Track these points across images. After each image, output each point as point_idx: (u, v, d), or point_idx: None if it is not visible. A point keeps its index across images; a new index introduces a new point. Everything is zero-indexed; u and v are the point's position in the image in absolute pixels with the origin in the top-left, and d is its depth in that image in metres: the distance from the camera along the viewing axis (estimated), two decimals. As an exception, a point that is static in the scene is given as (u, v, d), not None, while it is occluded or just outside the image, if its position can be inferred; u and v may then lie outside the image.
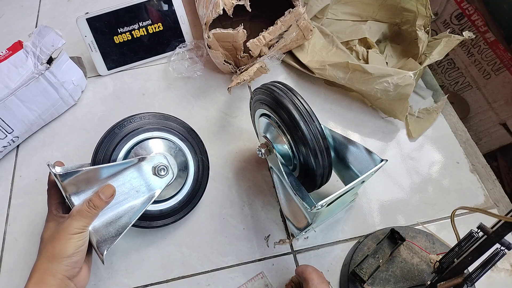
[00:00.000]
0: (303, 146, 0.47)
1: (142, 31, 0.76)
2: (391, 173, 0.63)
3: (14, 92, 0.63)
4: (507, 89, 0.82)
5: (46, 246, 0.45)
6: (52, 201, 0.49)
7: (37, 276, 0.43)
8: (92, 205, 0.46)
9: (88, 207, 0.46)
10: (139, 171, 0.51)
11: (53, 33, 0.65)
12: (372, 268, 0.50)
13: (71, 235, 0.44)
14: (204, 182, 0.59)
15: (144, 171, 0.51)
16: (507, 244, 0.35)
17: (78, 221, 0.45)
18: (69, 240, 0.44)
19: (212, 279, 0.55)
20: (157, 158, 0.52)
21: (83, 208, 0.46)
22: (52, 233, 0.46)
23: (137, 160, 0.51)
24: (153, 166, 0.52)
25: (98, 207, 0.47)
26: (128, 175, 0.50)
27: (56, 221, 0.47)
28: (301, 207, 0.57)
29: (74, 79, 0.71)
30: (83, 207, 0.46)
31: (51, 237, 0.45)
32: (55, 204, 0.49)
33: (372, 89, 0.64)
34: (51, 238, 0.45)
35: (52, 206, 0.49)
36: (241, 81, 0.66)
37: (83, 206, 0.46)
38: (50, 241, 0.45)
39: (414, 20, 0.74)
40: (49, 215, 0.49)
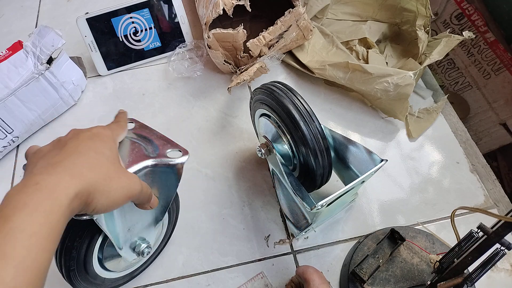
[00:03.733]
0: (303, 146, 0.47)
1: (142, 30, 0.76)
2: (391, 173, 0.63)
3: (14, 92, 0.63)
4: (507, 89, 0.82)
5: (97, 165, 0.33)
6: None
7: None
8: (151, 193, 0.39)
9: (150, 193, 0.39)
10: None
11: (53, 33, 0.65)
12: (372, 268, 0.50)
13: (131, 192, 0.35)
14: (164, 244, 0.56)
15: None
16: (507, 244, 0.35)
17: (140, 191, 0.37)
18: (127, 195, 0.35)
19: (212, 279, 0.55)
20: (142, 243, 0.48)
21: (149, 189, 0.39)
22: (115, 165, 0.35)
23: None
24: (138, 243, 0.47)
25: (149, 205, 0.40)
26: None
27: (117, 153, 0.37)
28: (301, 207, 0.57)
29: (74, 79, 0.71)
30: (149, 189, 0.39)
31: (111, 168, 0.34)
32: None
33: (372, 89, 0.64)
34: (111, 169, 0.34)
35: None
36: (241, 81, 0.66)
37: (149, 189, 0.39)
38: (109, 171, 0.34)
39: (414, 20, 0.74)
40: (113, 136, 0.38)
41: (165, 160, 0.40)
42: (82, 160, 0.32)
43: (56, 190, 0.28)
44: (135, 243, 0.47)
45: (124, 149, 0.40)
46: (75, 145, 0.34)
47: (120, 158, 0.37)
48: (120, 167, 0.36)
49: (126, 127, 0.41)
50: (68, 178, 0.30)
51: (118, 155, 0.36)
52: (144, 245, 0.47)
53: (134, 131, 0.44)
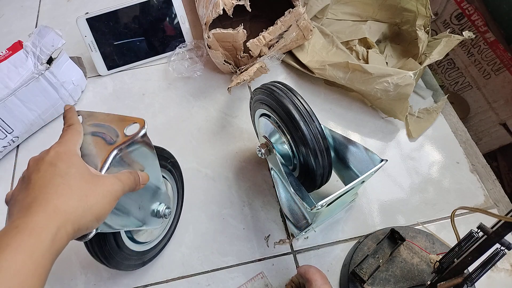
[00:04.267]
0: (303, 146, 0.47)
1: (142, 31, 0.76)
2: (391, 173, 0.63)
3: (14, 92, 0.63)
4: (507, 89, 0.82)
5: (68, 190, 0.33)
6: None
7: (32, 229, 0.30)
8: (136, 176, 0.39)
9: (134, 177, 0.39)
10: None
11: (53, 33, 0.65)
12: (372, 268, 0.50)
13: (114, 194, 0.36)
14: (178, 214, 0.58)
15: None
16: (507, 244, 0.35)
17: (122, 186, 0.37)
18: (112, 200, 0.35)
19: (212, 279, 0.55)
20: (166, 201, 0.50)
21: (131, 176, 0.39)
22: (85, 179, 0.34)
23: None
24: (156, 209, 0.48)
25: (140, 184, 0.41)
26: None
27: (84, 165, 0.36)
28: (301, 207, 0.57)
29: (74, 79, 0.71)
30: (131, 175, 0.39)
31: (83, 185, 0.34)
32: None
33: (372, 89, 0.64)
34: (83, 186, 0.34)
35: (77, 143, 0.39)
36: (241, 81, 0.66)
37: (131, 174, 0.39)
38: (82, 190, 0.33)
39: (414, 20, 0.74)
40: (73, 147, 0.37)
41: (126, 139, 0.40)
42: (51, 192, 0.32)
43: (35, 229, 0.29)
44: (154, 211, 0.48)
45: (87, 151, 0.40)
46: (39, 178, 0.33)
47: (87, 165, 0.36)
48: (91, 177, 0.35)
49: (80, 128, 0.40)
50: (44, 215, 0.30)
51: (84, 166, 0.36)
52: (163, 208, 0.49)
53: (86, 123, 0.43)
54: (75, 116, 0.42)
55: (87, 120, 0.43)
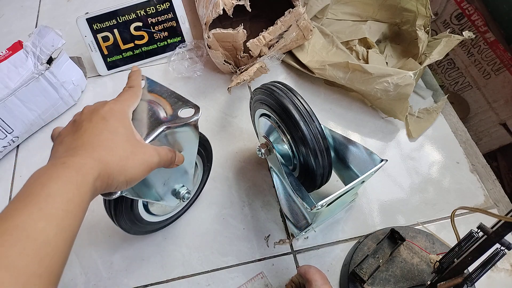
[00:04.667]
0: (303, 146, 0.47)
1: (142, 31, 0.76)
2: (391, 173, 0.63)
3: (14, 92, 0.63)
4: (507, 89, 0.82)
5: (113, 146, 0.34)
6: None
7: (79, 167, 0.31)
8: (173, 155, 0.41)
9: (172, 156, 0.41)
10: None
11: (53, 33, 0.65)
12: (372, 268, 0.50)
13: (149, 165, 0.37)
14: (204, 183, 0.60)
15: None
16: (507, 244, 0.35)
17: (159, 161, 0.38)
18: (145, 170, 0.36)
19: (212, 279, 0.55)
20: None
21: (169, 153, 0.40)
22: (130, 143, 0.36)
23: None
24: (178, 190, 0.50)
25: (175, 164, 0.42)
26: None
27: (132, 128, 0.38)
28: (301, 207, 0.57)
29: (74, 79, 0.71)
30: (169, 153, 0.40)
31: (126, 146, 0.35)
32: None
33: (372, 89, 0.64)
34: (127, 148, 0.35)
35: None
36: (241, 81, 0.66)
37: (170, 152, 0.41)
38: (124, 151, 0.35)
39: (414, 20, 0.74)
40: (127, 109, 0.39)
41: (178, 121, 0.41)
42: (98, 144, 0.34)
43: (82, 169, 0.31)
44: (175, 190, 0.50)
45: (139, 116, 0.41)
46: (90, 128, 0.35)
47: (135, 130, 0.38)
48: (135, 142, 0.37)
49: (139, 92, 0.42)
50: (89, 161, 0.32)
51: (132, 129, 0.37)
52: (184, 191, 0.50)
53: (147, 89, 0.45)
54: (138, 79, 0.43)
55: (149, 87, 0.45)
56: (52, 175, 0.30)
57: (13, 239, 0.25)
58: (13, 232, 0.25)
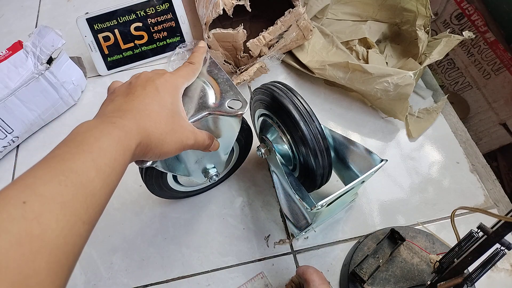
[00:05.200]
0: (303, 146, 0.47)
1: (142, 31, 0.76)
2: (391, 173, 0.63)
3: (14, 92, 0.63)
4: (507, 89, 0.82)
5: (158, 120, 0.36)
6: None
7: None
8: (210, 142, 0.43)
9: (208, 143, 0.43)
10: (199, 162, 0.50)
11: (53, 33, 0.65)
12: (372, 268, 0.50)
13: (183, 145, 0.39)
14: (236, 168, 0.62)
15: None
16: (507, 244, 0.35)
17: (193, 144, 0.40)
18: (179, 148, 0.38)
19: (212, 279, 0.55)
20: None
21: (206, 140, 0.42)
22: (173, 119, 0.38)
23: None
24: (207, 170, 0.52)
25: (209, 149, 0.44)
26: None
27: (180, 105, 0.40)
28: (301, 207, 0.57)
29: (74, 79, 0.71)
30: (207, 139, 0.42)
31: (169, 122, 0.37)
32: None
33: (372, 89, 0.64)
34: (169, 124, 0.37)
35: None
36: (241, 81, 0.66)
37: (207, 138, 0.42)
38: (166, 126, 0.36)
39: (414, 20, 0.74)
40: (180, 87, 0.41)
41: (224, 110, 0.43)
42: (146, 113, 0.35)
43: (128, 133, 0.32)
44: (206, 169, 0.52)
45: (190, 94, 0.43)
46: (142, 96, 0.37)
47: (182, 107, 0.40)
48: (179, 120, 0.38)
49: (197, 71, 0.43)
50: (135, 127, 0.33)
51: (179, 106, 0.39)
52: (213, 172, 0.52)
53: (207, 68, 0.46)
54: (200, 57, 0.45)
55: (209, 67, 0.46)
56: (103, 130, 0.31)
57: (68, 180, 0.26)
58: (69, 174, 0.26)
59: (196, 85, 0.44)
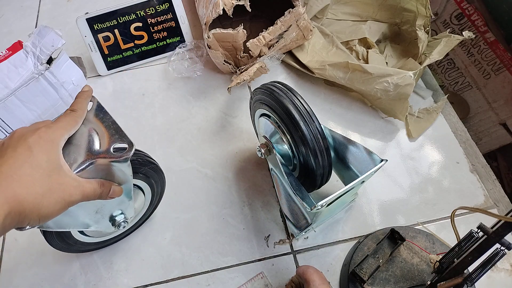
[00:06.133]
0: (303, 146, 0.47)
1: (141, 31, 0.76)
2: (391, 173, 0.63)
3: (14, 92, 0.63)
4: (507, 89, 0.82)
5: (31, 184, 0.33)
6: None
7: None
8: (104, 190, 0.40)
9: (102, 191, 0.40)
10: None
11: (53, 33, 0.65)
12: (372, 268, 0.50)
13: (67, 203, 0.36)
14: (154, 207, 0.58)
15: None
16: (507, 244, 0.35)
17: (81, 198, 0.37)
18: (62, 207, 0.36)
19: (212, 279, 0.55)
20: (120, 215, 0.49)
21: (98, 189, 0.39)
22: (51, 179, 0.35)
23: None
24: (114, 217, 0.48)
25: (109, 197, 0.41)
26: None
27: (58, 162, 0.36)
28: (301, 207, 0.57)
29: (74, 79, 0.71)
30: (98, 188, 0.39)
31: (45, 183, 0.34)
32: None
33: (372, 89, 0.64)
34: (45, 184, 0.34)
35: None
36: (241, 81, 0.66)
37: (100, 187, 0.40)
38: (42, 188, 0.34)
39: (414, 20, 0.74)
40: (60, 141, 0.37)
41: (109, 156, 0.40)
42: (16, 178, 0.32)
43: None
44: (112, 217, 0.48)
45: (76, 142, 0.40)
46: (12, 158, 0.34)
47: (62, 161, 0.36)
48: (57, 177, 0.35)
49: (80, 118, 0.41)
50: (3, 196, 0.31)
51: (57, 162, 0.36)
52: (120, 219, 0.48)
53: (92, 113, 0.43)
54: (84, 103, 0.42)
55: (96, 110, 0.44)
56: None
57: None
58: None
59: (81, 132, 0.41)
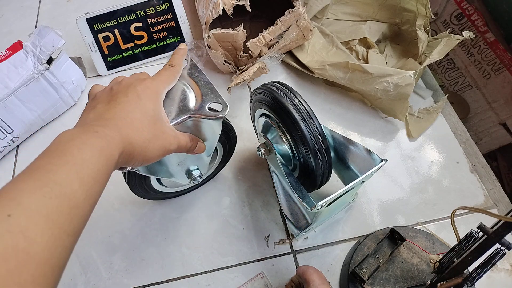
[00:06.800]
0: (303, 146, 0.47)
1: (141, 31, 0.76)
2: (391, 173, 0.63)
3: (14, 92, 0.63)
4: (507, 89, 0.82)
5: (140, 127, 0.36)
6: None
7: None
8: (193, 144, 0.43)
9: (192, 145, 0.43)
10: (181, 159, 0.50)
11: (53, 33, 0.65)
12: (372, 268, 0.50)
13: (166, 151, 0.39)
14: (220, 168, 0.62)
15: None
16: (507, 244, 0.35)
17: (176, 148, 0.40)
18: (162, 154, 0.39)
19: (212, 279, 0.55)
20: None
21: (189, 142, 0.43)
22: (155, 126, 0.38)
23: None
24: (191, 171, 0.52)
25: (194, 152, 0.45)
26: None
27: (161, 111, 0.39)
28: (301, 207, 0.57)
29: (74, 79, 0.71)
30: (190, 142, 0.43)
31: (152, 129, 0.37)
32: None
33: (372, 89, 0.64)
34: (152, 131, 0.37)
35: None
36: (241, 81, 0.66)
37: (191, 141, 0.43)
38: (149, 133, 0.37)
39: (414, 20, 0.74)
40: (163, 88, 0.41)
41: (205, 114, 0.43)
42: (128, 121, 0.35)
43: (111, 142, 0.32)
44: (189, 171, 0.52)
45: (172, 96, 0.43)
46: (124, 103, 0.36)
47: (163, 111, 0.40)
48: (161, 125, 0.38)
49: (178, 73, 0.43)
50: (118, 136, 0.33)
51: (161, 111, 0.39)
52: (196, 174, 0.52)
53: (187, 71, 0.46)
54: (181, 59, 0.45)
55: (190, 69, 0.46)
56: (86, 141, 0.30)
57: (53, 193, 0.26)
58: (53, 186, 0.26)
59: (177, 87, 0.44)
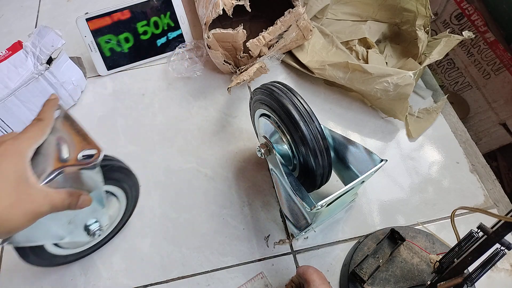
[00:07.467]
0: (303, 146, 0.47)
1: (141, 31, 0.76)
2: (391, 173, 0.63)
3: (14, 92, 0.63)
4: (507, 89, 0.82)
5: None
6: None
7: None
8: (73, 200, 0.39)
9: (70, 201, 0.38)
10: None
11: (53, 33, 0.65)
12: (372, 268, 0.50)
13: (37, 213, 0.35)
14: (130, 212, 0.58)
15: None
16: (507, 244, 0.35)
17: (50, 209, 0.36)
18: (32, 219, 0.35)
19: (212, 279, 0.55)
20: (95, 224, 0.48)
21: (67, 199, 0.38)
22: (18, 190, 0.34)
23: None
24: (88, 226, 0.47)
25: (79, 207, 0.40)
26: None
27: (25, 173, 0.35)
28: (301, 207, 0.57)
29: (74, 79, 0.71)
30: (67, 198, 0.38)
31: (13, 194, 0.33)
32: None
33: (372, 89, 0.64)
34: (13, 196, 0.33)
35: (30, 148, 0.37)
36: (241, 81, 0.66)
37: (68, 197, 0.38)
38: (9, 199, 0.33)
39: (414, 20, 0.74)
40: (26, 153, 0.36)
41: (79, 163, 0.39)
42: None
43: None
44: (86, 226, 0.47)
45: (44, 151, 0.39)
46: None
47: (30, 172, 0.36)
48: (26, 188, 0.35)
49: (48, 128, 0.39)
50: None
51: (25, 173, 0.35)
52: (95, 227, 0.47)
53: (60, 121, 0.42)
54: (51, 112, 0.41)
55: (62, 120, 0.42)
56: None
57: None
58: None
59: (49, 141, 0.39)
